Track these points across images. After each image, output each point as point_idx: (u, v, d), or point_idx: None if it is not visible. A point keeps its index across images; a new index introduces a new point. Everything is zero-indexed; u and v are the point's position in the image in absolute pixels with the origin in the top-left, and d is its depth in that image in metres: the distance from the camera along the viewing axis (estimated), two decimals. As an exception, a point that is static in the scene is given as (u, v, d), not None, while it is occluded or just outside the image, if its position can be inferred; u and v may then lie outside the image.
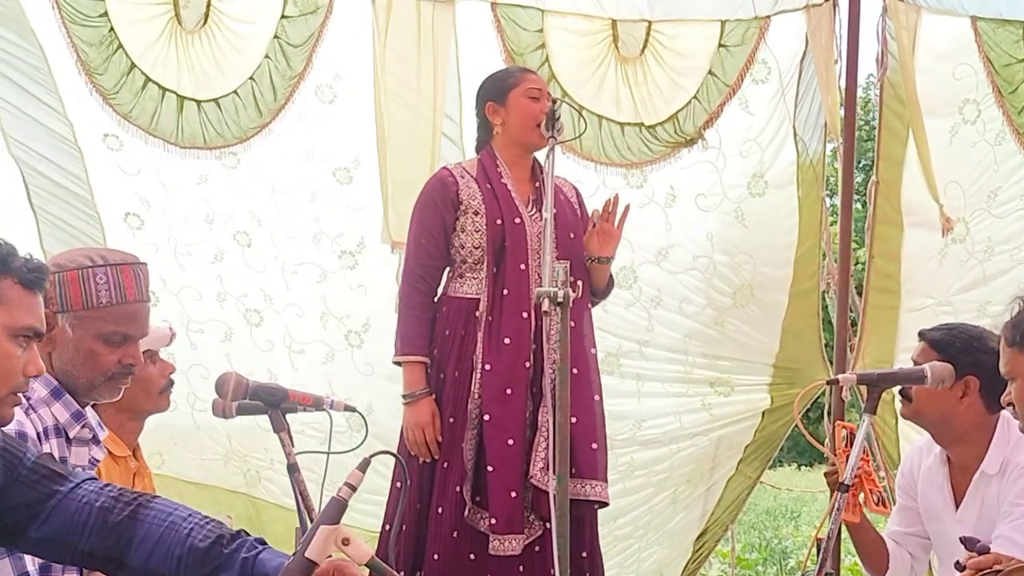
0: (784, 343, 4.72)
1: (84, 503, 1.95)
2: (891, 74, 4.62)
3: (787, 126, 4.62)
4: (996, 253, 4.66)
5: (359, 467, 1.88)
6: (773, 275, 4.70)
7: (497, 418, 3.45)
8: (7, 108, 4.15)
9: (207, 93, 4.21)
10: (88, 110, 4.19)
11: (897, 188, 4.67)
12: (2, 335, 1.88)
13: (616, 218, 3.63)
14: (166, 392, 2.88)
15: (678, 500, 4.81)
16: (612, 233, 3.63)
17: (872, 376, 3.06)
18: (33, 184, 4.20)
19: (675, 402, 4.74)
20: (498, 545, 3.41)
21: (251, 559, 1.88)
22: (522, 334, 3.47)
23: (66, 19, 4.08)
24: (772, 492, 9.51)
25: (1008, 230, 4.64)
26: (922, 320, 4.12)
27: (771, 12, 4.55)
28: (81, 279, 2.32)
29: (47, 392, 2.30)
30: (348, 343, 4.47)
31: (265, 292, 4.44)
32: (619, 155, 4.52)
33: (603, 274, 3.68)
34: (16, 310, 1.89)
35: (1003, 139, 4.60)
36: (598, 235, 3.61)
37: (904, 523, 3.31)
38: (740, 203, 4.63)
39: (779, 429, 4.79)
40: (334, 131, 4.36)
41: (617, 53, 4.47)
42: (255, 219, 4.38)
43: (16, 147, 4.18)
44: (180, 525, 1.92)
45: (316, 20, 4.26)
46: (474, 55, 4.41)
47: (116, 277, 2.35)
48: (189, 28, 4.16)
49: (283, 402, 2.79)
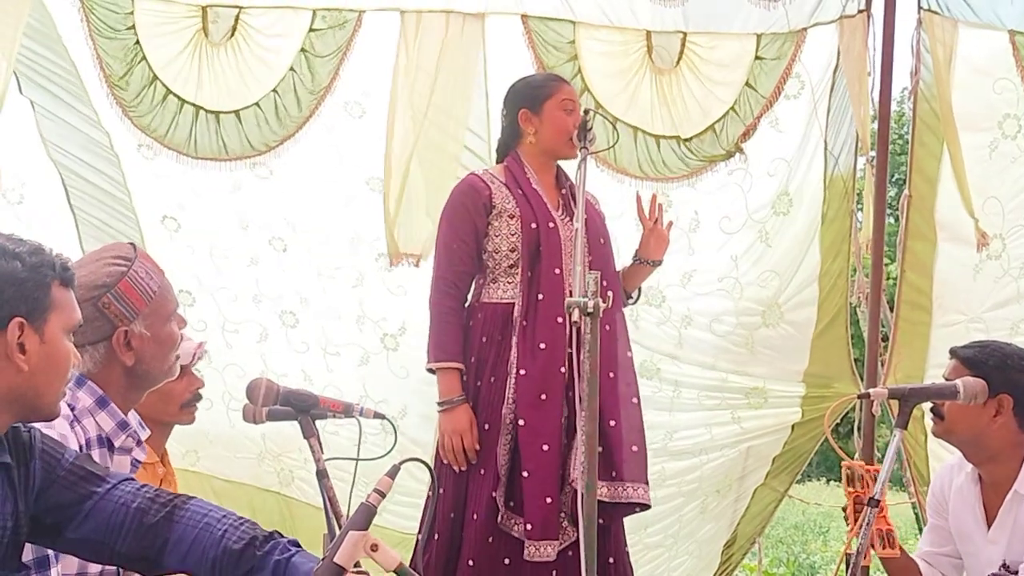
0: (814, 359, 4.70)
1: (120, 504, 1.98)
2: (925, 87, 4.59)
3: (818, 140, 4.60)
4: (1032, 270, 4.62)
5: (389, 473, 1.89)
6: (800, 290, 4.68)
7: (532, 423, 3.44)
8: (45, 114, 4.22)
9: (229, 105, 4.25)
10: (122, 122, 4.26)
11: (931, 203, 4.63)
12: (62, 337, 1.95)
13: (657, 220, 3.74)
14: (190, 406, 2.89)
15: (707, 510, 4.79)
16: (664, 237, 3.76)
17: (904, 391, 3.02)
18: (72, 186, 4.29)
19: (707, 415, 4.73)
20: (533, 551, 3.40)
21: (284, 562, 1.90)
22: (557, 339, 3.45)
23: (93, 32, 4.15)
24: (800, 507, 9.45)
25: (1046, 247, 4.60)
26: (954, 336, 4.09)
27: (807, 25, 4.53)
28: (132, 283, 2.35)
29: (92, 401, 2.32)
30: (384, 346, 4.49)
31: (301, 295, 4.47)
32: (654, 169, 4.50)
33: (645, 277, 3.78)
34: (66, 310, 1.96)
35: None
36: (655, 238, 3.72)
37: (935, 543, 3.28)
38: (764, 223, 4.61)
39: (808, 443, 4.76)
40: (365, 145, 4.38)
41: (652, 64, 4.47)
42: (289, 224, 4.41)
43: (55, 150, 4.27)
44: (215, 526, 1.94)
45: (344, 34, 4.28)
46: (503, 68, 4.41)
47: (146, 264, 2.40)
48: (216, 41, 4.20)
49: (313, 408, 2.80)
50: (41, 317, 1.91)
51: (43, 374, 1.91)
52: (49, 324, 1.92)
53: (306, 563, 1.89)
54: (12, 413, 1.91)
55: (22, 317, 1.88)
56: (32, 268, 1.90)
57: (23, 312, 1.88)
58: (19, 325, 1.88)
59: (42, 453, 1.99)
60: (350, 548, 1.82)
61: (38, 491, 1.97)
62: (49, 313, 1.92)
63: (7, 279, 1.88)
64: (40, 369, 1.90)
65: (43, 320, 1.91)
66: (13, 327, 1.88)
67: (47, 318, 1.92)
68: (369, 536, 1.83)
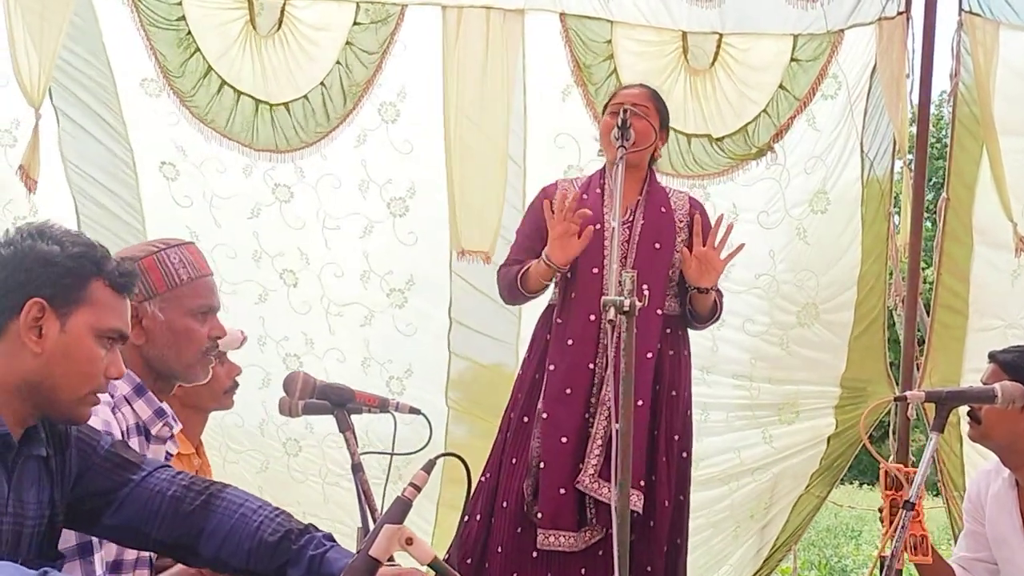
0: (851, 361, 4.67)
1: (156, 491, 1.99)
2: (964, 90, 4.54)
3: (853, 142, 4.57)
4: (1072, 277, 4.57)
5: (424, 468, 1.89)
6: (838, 292, 4.65)
7: (554, 416, 3.50)
8: (68, 131, 4.25)
9: (279, 97, 4.29)
10: (147, 136, 4.29)
11: (969, 207, 4.59)
12: (88, 335, 1.91)
13: (718, 241, 3.57)
14: (230, 392, 2.93)
15: (740, 535, 4.76)
16: (714, 263, 3.57)
17: (940, 394, 3.00)
18: (84, 214, 4.28)
19: (735, 437, 4.70)
20: (543, 540, 3.45)
21: (319, 556, 1.90)
22: (587, 336, 3.51)
23: (145, 22, 4.19)
24: (833, 510, 9.39)
25: (1087, 254, 4.55)
26: (991, 341, 4.04)
27: (844, 26, 4.51)
28: (158, 262, 2.37)
29: (130, 389, 2.34)
30: (390, 302, 4.48)
31: (302, 251, 4.44)
32: (684, 167, 4.50)
33: (703, 302, 3.62)
34: (103, 311, 1.93)
35: None
36: (697, 262, 3.57)
37: (972, 548, 3.26)
38: (802, 220, 4.59)
39: (847, 451, 4.73)
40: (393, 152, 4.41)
41: (687, 65, 4.46)
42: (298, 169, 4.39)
43: (73, 171, 4.29)
44: (250, 517, 1.95)
45: (387, 29, 4.32)
46: (541, 66, 4.43)
47: (186, 255, 2.41)
48: (264, 33, 4.24)
49: (349, 402, 2.82)
50: (67, 306, 1.89)
51: (59, 365, 1.88)
52: (75, 316, 1.89)
53: (341, 558, 1.89)
54: (33, 404, 1.88)
55: (44, 299, 1.87)
56: (72, 257, 1.90)
57: (46, 295, 1.87)
58: (38, 306, 1.86)
59: (77, 441, 2.00)
60: (385, 542, 1.81)
61: (75, 479, 1.98)
62: (79, 306, 1.90)
63: (38, 259, 1.87)
64: (55, 359, 1.87)
65: (69, 310, 1.89)
66: (30, 306, 1.86)
67: (74, 310, 1.89)
68: (404, 529, 1.83)
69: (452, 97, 4.34)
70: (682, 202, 3.73)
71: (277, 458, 4.57)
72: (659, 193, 3.69)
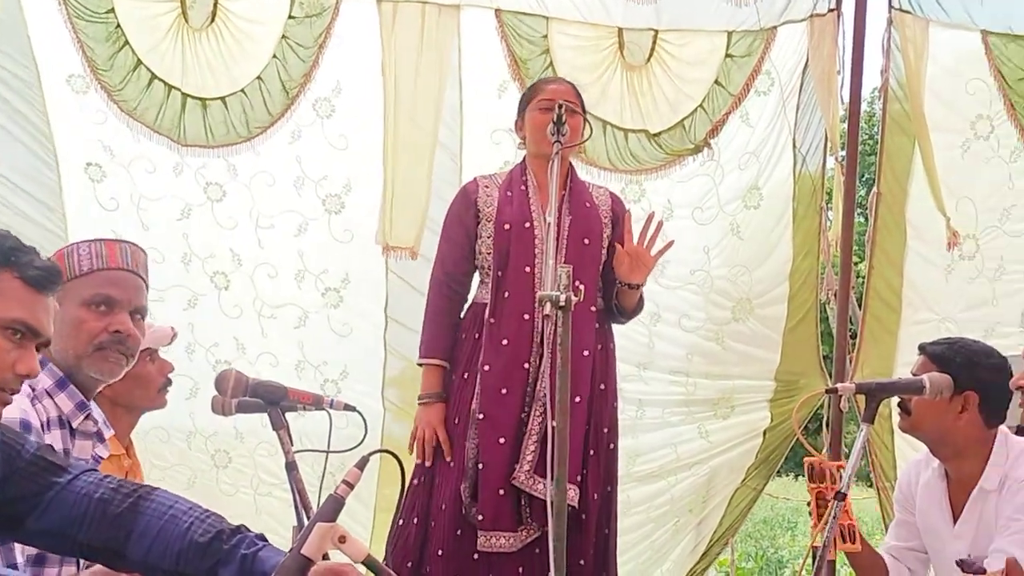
0: (785, 355, 4.72)
1: (83, 494, 1.94)
2: (895, 87, 4.61)
3: (786, 138, 4.62)
4: (1008, 272, 4.64)
5: (357, 465, 1.87)
6: (771, 287, 4.69)
7: (491, 417, 3.49)
8: None
9: (214, 92, 4.22)
10: (73, 135, 4.18)
11: (901, 201, 4.66)
12: None
13: (648, 238, 3.58)
14: (163, 390, 2.89)
15: (680, 530, 4.79)
16: (645, 260, 3.59)
17: (871, 385, 3.04)
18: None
19: (672, 432, 4.72)
20: (484, 541, 3.45)
21: (251, 556, 1.87)
22: (521, 336, 3.50)
23: (72, 15, 4.10)
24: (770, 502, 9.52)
25: (1023, 249, 4.62)
26: (924, 335, 4.10)
27: (777, 23, 4.56)
28: (66, 255, 2.37)
29: (52, 383, 2.31)
30: (325, 302, 4.42)
31: (234, 251, 4.36)
32: (622, 161, 4.52)
33: (632, 298, 3.65)
34: (8, 302, 1.88)
35: (1018, 156, 4.58)
36: (629, 259, 3.59)
37: (902, 538, 3.30)
38: (735, 216, 4.63)
39: (782, 443, 4.77)
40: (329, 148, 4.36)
41: (623, 61, 4.48)
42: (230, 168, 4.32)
43: None
44: (180, 518, 1.91)
45: (322, 23, 4.28)
46: (477, 62, 4.42)
47: (99, 248, 2.38)
48: (196, 26, 4.18)
49: (282, 400, 2.79)
50: None
51: None
52: None
53: (273, 556, 1.86)
54: None
55: None
56: None
57: None
58: None
59: (2, 444, 1.94)
60: (318, 540, 1.79)
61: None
62: None
63: None
64: None
65: None
66: None
67: None
68: (337, 527, 1.81)
69: (390, 91, 4.31)
70: (604, 197, 3.75)
71: (205, 471, 4.45)
72: (582, 188, 3.70)
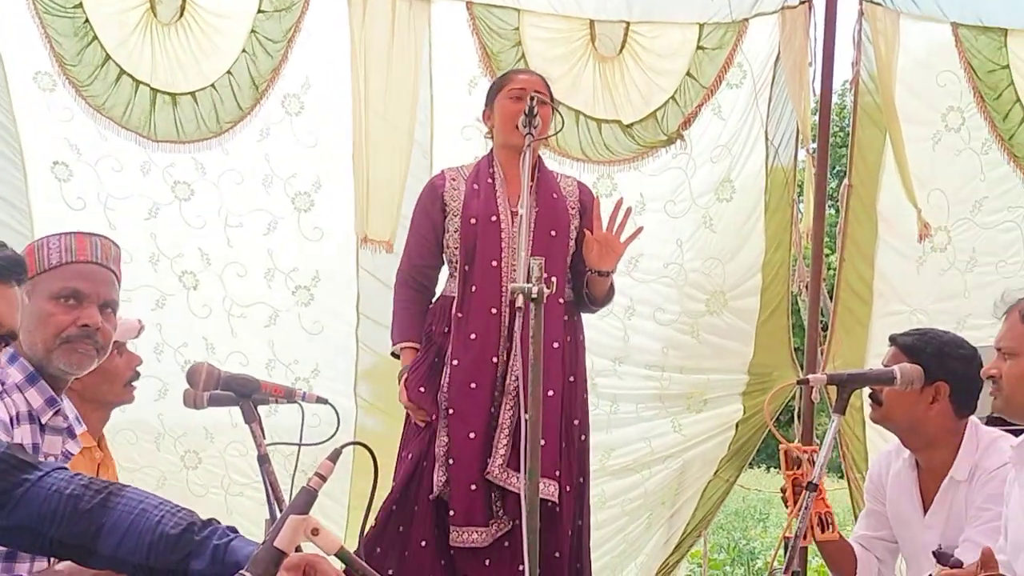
0: (758, 347, 4.74)
1: (53, 491, 1.92)
2: (867, 79, 4.62)
3: (758, 131, 4.63)
4: (980, 264, 4.66)
5: (330, 457, 1.87)
6: (744, 279, 4.71)
7: (460, 412, 3.49)
8: None
9: (185, 87, 4.18)
10: (39, 134, 4.13)
11: (872, 193, 4.68)
12: None
13: (617, 224, 3.59)
14: (131, 384, 2.88)
15: (653, 523, 4.80)
16: (615, 247, 3.60)
17: (842, 376, 3.07)
18: None
19: (646, 427, 4.73)
20: (456, 536, 3.45)
21: (222, 547, 1.86)
22: (489, 330, 3.49)
23: (40, 10, 4.05)
24: (741, 493, 9.55)
25: (995, 241, 4.65)
26: (895, 326, 4.12)
27: (749, 15, 4.57)
28: (36, 249, 2.35)
29: (23, 377, 2.30)
30: (296, 300, 4.39)
31: (203, 251, 4.32)
32: (595, 152, 4.52)
33: (602, 286, 3.65)
34: None
35: (990, 148, 4.61)
36: (599, 246, 3.59)
37: (872, 527, 3.32)
38: (708, 208, 4.63)
39: (754, 435, 4.80)
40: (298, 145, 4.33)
41: (595, 52, 4.48)
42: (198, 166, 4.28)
43: None
44: (151, 512, 1.90)
45: (291, 17, 4.25)
46: (448, 56, 4.41)
47: (68, 242, 2.36)
48: (165, 21, 4.14)
49: (255, 393, 2.79)
50: None
51: None
52: None
53: (245, 547, 1.86)
54: None
55: None
56: None
57: None
58: None
59: None
60: (290, 532, 1.79)
61: None
62: None
63: None
64: None
65: None
66: None
67: None
68: (310, 520, 1.80)
69: (359, 86, 4.29)
70: (571, 187, 3.75)
71: (174, 473, 4.41)
72: (549, 179, 3.69)
